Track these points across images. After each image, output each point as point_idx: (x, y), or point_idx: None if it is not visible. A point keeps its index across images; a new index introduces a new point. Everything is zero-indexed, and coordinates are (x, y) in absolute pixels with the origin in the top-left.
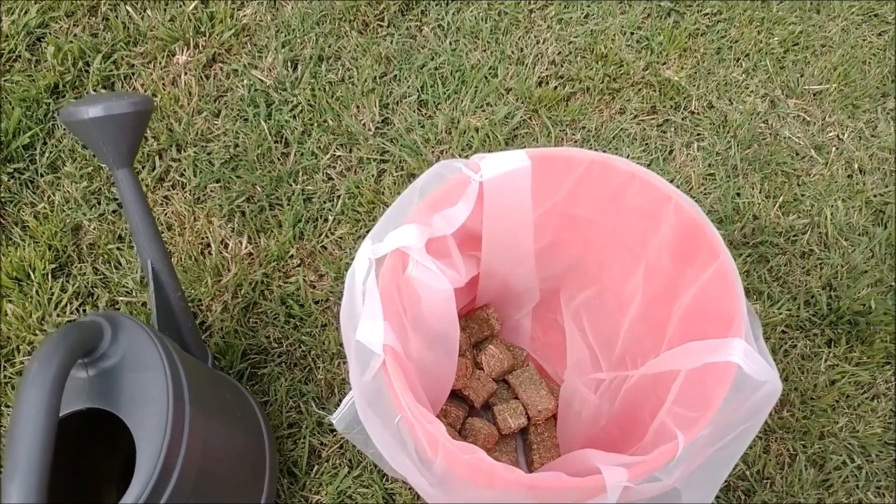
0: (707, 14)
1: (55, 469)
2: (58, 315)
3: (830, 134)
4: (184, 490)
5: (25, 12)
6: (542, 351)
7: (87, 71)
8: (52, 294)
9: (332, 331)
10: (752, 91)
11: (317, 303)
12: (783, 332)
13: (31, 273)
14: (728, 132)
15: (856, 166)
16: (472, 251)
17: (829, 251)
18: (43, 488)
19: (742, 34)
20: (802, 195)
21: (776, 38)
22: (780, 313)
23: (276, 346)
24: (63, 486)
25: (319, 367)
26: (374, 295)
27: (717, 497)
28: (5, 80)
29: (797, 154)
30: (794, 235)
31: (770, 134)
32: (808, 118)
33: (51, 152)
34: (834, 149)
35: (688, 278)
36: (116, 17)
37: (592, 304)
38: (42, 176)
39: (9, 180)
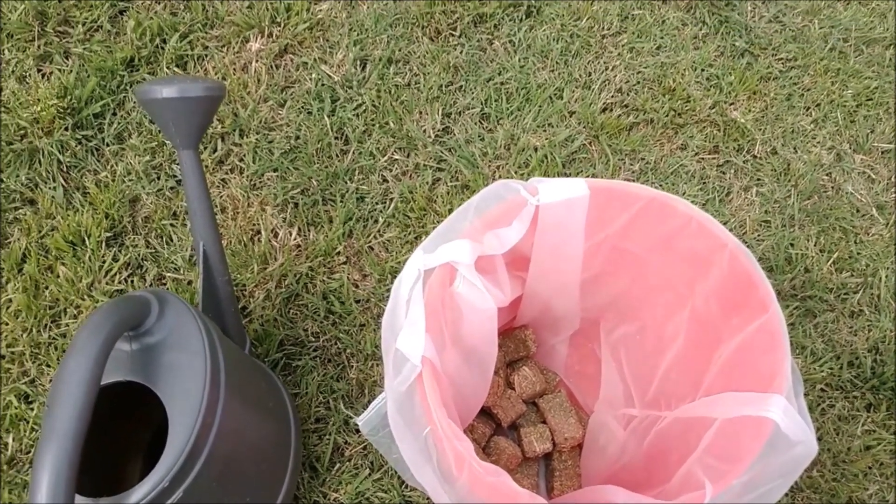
0: (781, 59)
1: (87, 439)
2: (107, 283)
3: (894, 195)
4: (209, 473)
5: None
6: (575, 379)
7: (162, 48)
8: (104, 262)
9: (370, 331)
10: (818, 142)
11: (358, 302)
12: (822, 390)
13: (87, 239)
14: (789, 180)
15: None
16: (518, 271)
17: (879, 314)
18: (77, 454)
19: (815, 83)
20: (858, 253)
21: (850, 91)
22: (822, 371)
23: (312, 340)
24: (92, 452)
25: (353, 367)
26: (419, 306)
27: None
28: (84, 49)
29: (858, 211)
30: (846, 293)
31: (832, 187)
32: (874, 175)
33: (119, 123)
34: None
35: (733, 327)
36: None
37: (632, 340)
38: (108, 145)
39: (76, 146)
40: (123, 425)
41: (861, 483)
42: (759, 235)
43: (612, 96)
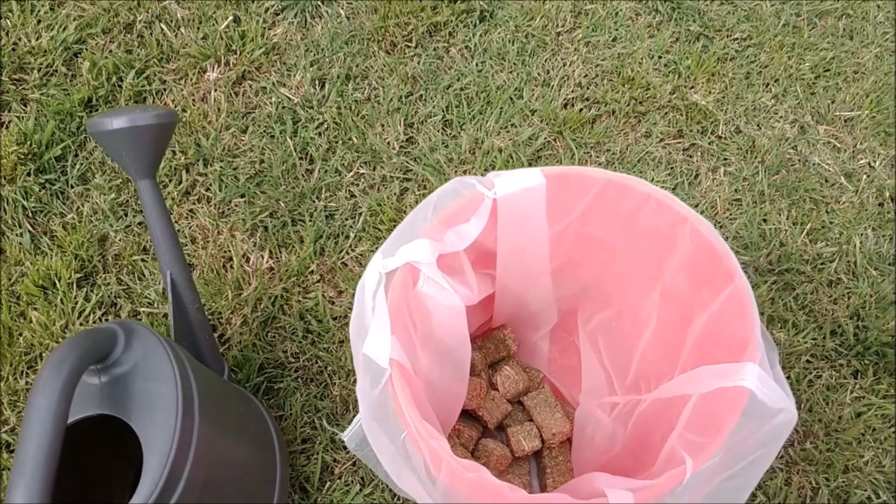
0: (737, 39)
1: (66, 473)
2: (81, 324)
3: (861, 161)
4: (189, 499)
5: (64, 28)
6: (559, 373)
7: (120, 86)
8: (77, 303)
9: (349, 347)
10: (781, 116)
11: (335, 319)
12: (808, 361)
13: (57, 282)
14: (756, 157)
15: (887, 194)
16: (486, 269)
17: (857, 280)
18: (47, 489)
19: (772, 59)
20: (831, 223)
21: (807, 64)
22: (806, 342)
23: (293, 360)
24: (74, 492)
25: (335, 384)
26: (383, 309)
27: None
28: (42, 94)
29: (826, 181)
30: (822, 263)
31: (799, 160)
32: (839, 145)
33: (81, 164)
34: (865, 176)
35: (703, 301)
36: (151, 34)
37: (609, 327)
38: (72, 187)
39: (40, 190)
40: (106, 461)
41: (855, 451)
42: (730, 214)
43: (573, 91)
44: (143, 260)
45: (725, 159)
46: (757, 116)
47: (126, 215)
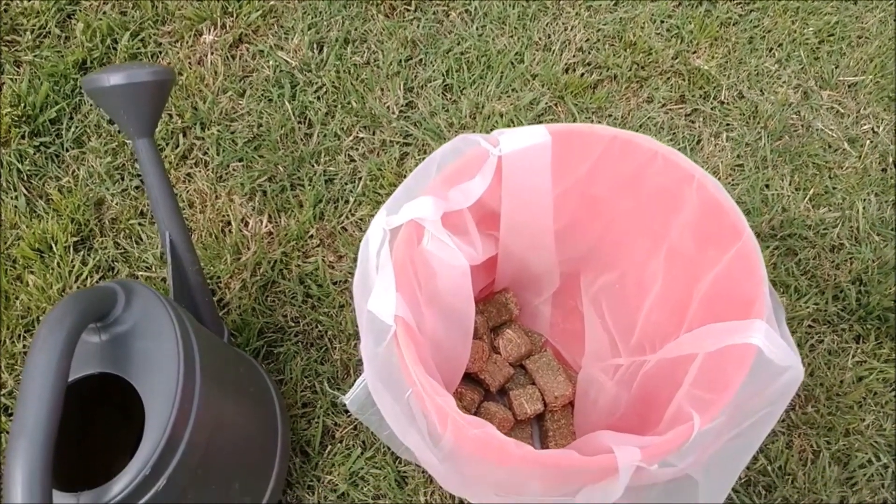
0: (740, 3)
1: (66, 433)
2: (78, 287)
3: (865, 126)
4: (192, 460)
5: None
6: (561, 338)
7: (114, 48)
8: (73, 266)
9: (350, 311)
10: (784, 81)
11: (335, 283)
12: (810, 326)
13: (53, 245)
14: (758, 123)
15: (890, 160)
16: (490, 230)
17: (860, 245)
18: (49, 448)
19: (776, 24)
20: (834, 188)
21: (811, 29)
22: (808, 307)
23: (293, 325)
24: (75, 452)
25: (336, 348)
26: (388, 266)
27: (737, 491)
28: (35, 56)
29: (829, 146)
30: (825, 229)
31: (802, 125)
32: (842, 110)
33: (76, 127)
34: (868, 142)
35: (710, 260)
36: None
37: (612, 289)
38: (67, 150)
39: (34, 153)
40: (108, 421)
41: (857, 414)
42: (733, 180)
43: (574, 56)
44: (140, 224)
45: (728, 125)
46: (760, 81)
47: (122, 179)
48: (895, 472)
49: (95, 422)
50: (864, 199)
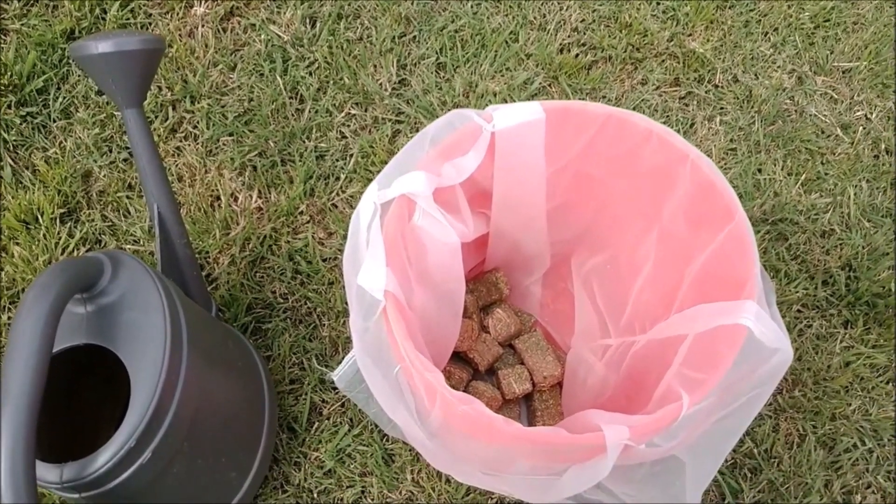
0: None
1: (51, 405)
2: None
3: (858, 113)
4: (178, 433)
5: None
6: (551, 318)
7: (103, 18)
8: (60, 238)
9: (339, 289)
10: (779, 66)
11: (325, 260)
12: (799, 311)
13: (40, 217)
14: (752, 107)
15: (883, 147)
16: (482, 208)
17: (850, 231)
18: (33, 415)
19: (772, 8)
20: (826, 174)
21: (807, 14)
22: (797, 292)
23: (281, 301)
24: (59, 424)
25: (325, 325)
26: (378, 240)
27: (723, 473)
28: (22, 24)
29: (823, 132)
30: (816, 214)
31: (795, 111)
32: (836, 96)
33: (64, 98)
34: (861, 128)
35: (702, 241)
36: None
37: (603, 270)
38: (54, 121)
39: (21, 123)
40: (94, 394)
41: (843, 399)
42: (725, 164)
43: (569, 36)
44: (128, 197)
45: (722, 108)
46: (755, 65)
47: (111, 151)
48: (880, 457)
49: (80, 394)
50: (856, 186)
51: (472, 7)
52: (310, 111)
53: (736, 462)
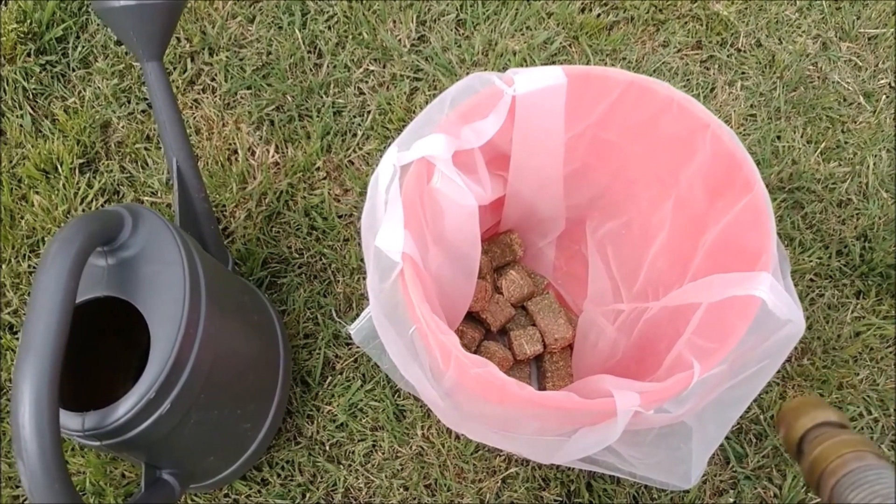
0: None
1: (72, 356)
2: (83, 209)
3: (882, 81)
4: (196, 384)
5: None
6: (563, 281)
7: None
8: (79, 188)
9: (354, 245)
10: (803, 31)
11: (340, 217)
12: (812, 279)
13: (59, 166)
14: (774, 72)
15: None
16: (499, 171)
17: (867, 201)
18: (57, 365)
19: None
20: (846, 142)
21: None
22: (811, 261)
23: (297, 256)
24: (80, 375)
25: (339, 281)
26: (397, 203)
27: (728, 438)
28: None
29: (845, 100)
30: (833, 183)
31: (818, 77)
32: (861, 63)
33: (83, 47)
34: (884, 97)
35: (718, 211)
36: None
37: (618, 235)
38: (74, 70)
39: (40, 72)
40: (113, 346)
41: (852, 368)
42: (744, 129)
43: None
44: (146, 149)
45: (743, 73)
46: (779, 30)
47: (129, 102)
48: (885, 426)
49: (100, 347)
50: (876, 156)
51: None
52: (328, 66)
53: (742, 427)
